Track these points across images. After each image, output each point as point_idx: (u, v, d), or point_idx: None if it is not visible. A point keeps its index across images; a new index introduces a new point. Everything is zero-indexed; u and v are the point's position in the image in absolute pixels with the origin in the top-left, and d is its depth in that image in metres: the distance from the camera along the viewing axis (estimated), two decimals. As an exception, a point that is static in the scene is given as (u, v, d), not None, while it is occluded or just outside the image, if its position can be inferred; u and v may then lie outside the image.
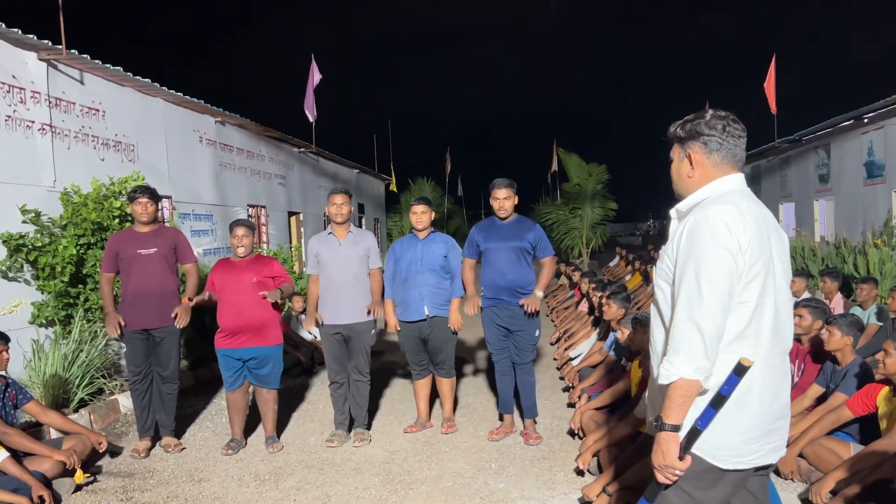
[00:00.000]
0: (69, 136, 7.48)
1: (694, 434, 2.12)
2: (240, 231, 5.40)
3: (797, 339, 5.23)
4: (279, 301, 5.32)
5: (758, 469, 2.26)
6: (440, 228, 16.09)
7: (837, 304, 7.66)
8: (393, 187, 22.25)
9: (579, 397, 5.71)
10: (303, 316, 9.14)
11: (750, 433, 2.17)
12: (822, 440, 4.23)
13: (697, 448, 2.15)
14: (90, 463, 4.99)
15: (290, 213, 14.93)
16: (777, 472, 4.31)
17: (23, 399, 4.81)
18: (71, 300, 6.67)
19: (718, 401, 2.10)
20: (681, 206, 2.33)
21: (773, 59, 17.01)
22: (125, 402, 6.43)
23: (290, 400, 6.86)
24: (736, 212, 2.13)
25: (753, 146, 19.37)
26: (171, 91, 9.39)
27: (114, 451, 5.36)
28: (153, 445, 5.46)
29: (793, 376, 5.17)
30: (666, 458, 2.13)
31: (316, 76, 14.63)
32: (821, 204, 16.12)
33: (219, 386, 7.21)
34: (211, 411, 6.61)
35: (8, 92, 6.60)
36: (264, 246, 12.98)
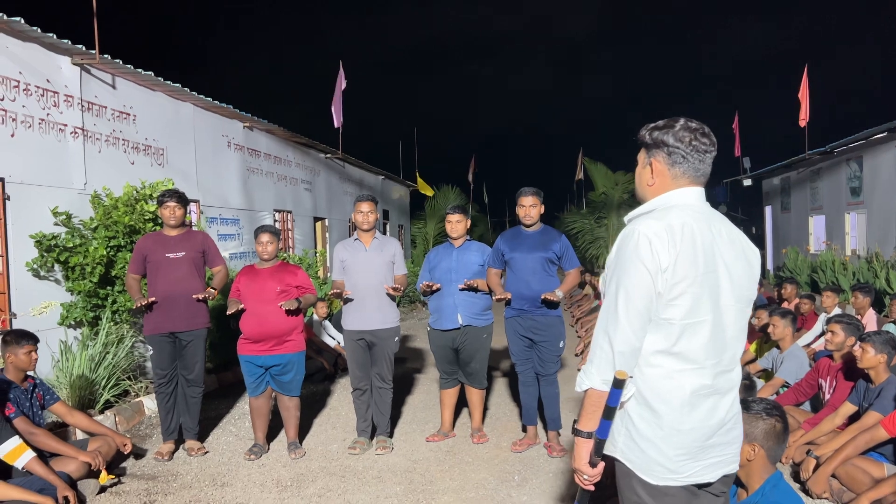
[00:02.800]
0: (100, 139, 7.57)
1: (599, 444, 2.16)
2: (264, 237, 5.42)
3: (829, 355, 5.13)
4: (298, 308, 5.33)
5: (700, 486, 2.23)
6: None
7: (870, 320, 7.50)
8: (429, 191, 22.29)
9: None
10: (327, 322, 9.19)
11: (683, 449, 2.15)
12: (856, 460, 4.12)
13: (630, 462, 2.19)
14: (115, 464, 5.03)
15: (316, 219, 14.99)
16: (808, 493, 4.21)
17: (50, 400, 4.85)
18: (99, 301, 6.73)
19: (608, 412, 2.12)
20: (631, 214, 2.31)
21: (806, 69, 16.80)
22: (150, 404, 6.48)
23: (312, 406, 6.87)
24: (664, 228, 2.10)
25: (783, 157, 19.12)
26: (201, 96, 9.48)
27: (138, 454, 5.39)
28: (177, 448, 5.49)
29: (823, 393, 5.07)
30: (577, 462, 2.21)
31: (342, 83, 14.69)
32: (852, 217, 15.83)
33: (242, 390, 7.23)
34: (234, 415, 6.63)
35: (42, 95, 6.70)
36: (290, 251, 13.04)
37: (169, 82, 8.63)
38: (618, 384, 2.08)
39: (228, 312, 5.23)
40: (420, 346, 10.42)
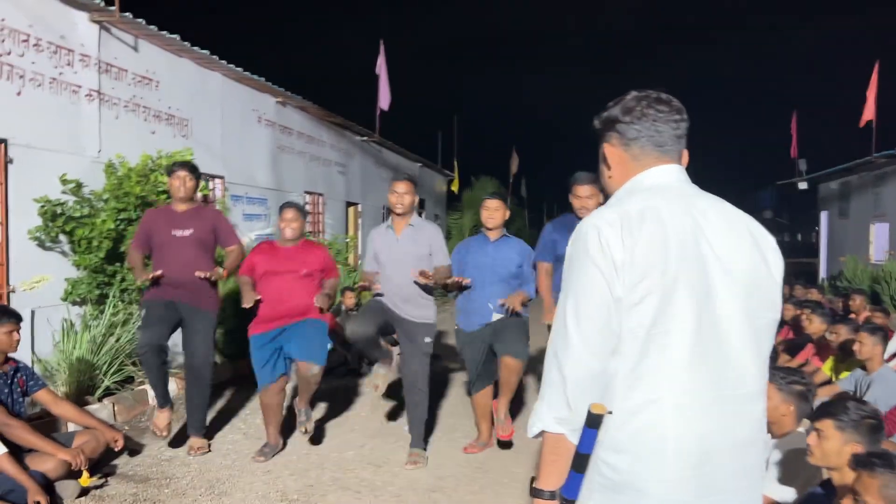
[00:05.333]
0: (118, 104, 7.04)
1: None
2: (289, 213, 4.85)
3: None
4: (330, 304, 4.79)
5: None
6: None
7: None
8: (454, 187, 21.52)
9: None
10: (354, 313, 8.61)
11: (672, 495, 1.59)
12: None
13: (618, 492, 1.61)
14: (103, 462, 4.47)
15: (349, 204, 14.41)
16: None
17: (34, 386, 4.31)
18: (106, 278, 6.20)
19: (579, 462, 1.60)
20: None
21: (877, 65, 15.74)
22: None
23: (330, 404, 6.24)
24: (617, 215, 1.63)
25: (846, 160, 18.02)
26: (231, 66, 8.92)
27: (133, 450, 4.83)
28: (182, 431, 5.00)
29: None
30: None
31: (383, 64, 14.08)
32: (920, 226, 14.78)
33: (255, 381, 6.66)
34: (246, 410, 6.04)
35: (55, 53, 6.17)
36: (320, 235, 12.48)
37: (196, 48, 8.09)
38: (592, 422, 1.56)
39: (246, 305, 4.63)
40: (452, 342, 9.65)
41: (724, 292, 1.63)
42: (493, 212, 4.86)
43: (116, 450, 4.45)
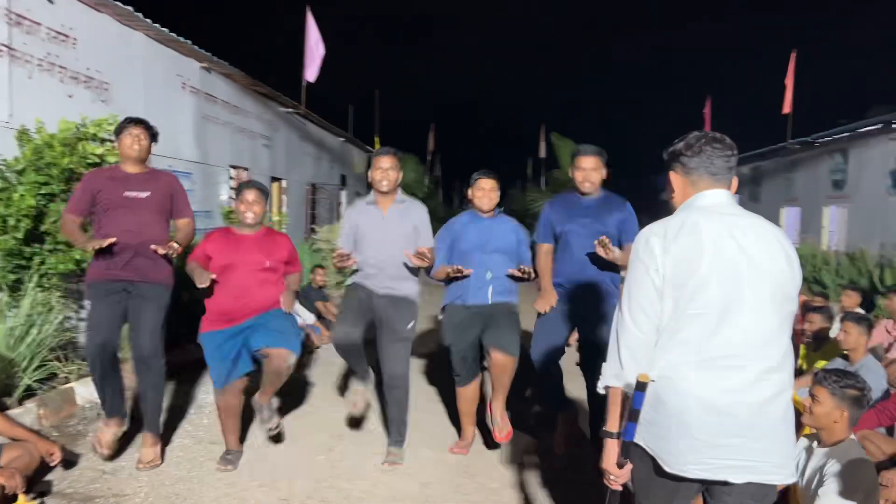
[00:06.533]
0: (31, 62, 6.19)
1: (625, 445, 2.21)
2: (250, 195, 4.29)
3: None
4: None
5: (714, 482, 2.17)
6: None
7: (906, 326, 6.80)
8: None
9: None
10: (325, 290, 8.59)
11: (693, 444, 2.13)
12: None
13: (646, 444, 2.22)
14: (36, 479, 3.84)
15: (273, 179, 13.64)
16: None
17: (-50, 393, 3.62)
18: (24, 261, 5.42)
19: (633, 415, 2.16)
20: None
21: (793, 56, 16.22)
22: (83, 391, 5.24)
23: (287, 398, 5.69)
24: (663, 227, 2.23)
25: (757, 146, 18.60)
26: (156, 25, 8.07)
27: (68, 461, 4.19)
28: (123, 437, 4.36)
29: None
30: (605, 463, 2.26)
31: (313, 32, 13.32)
32: (832, 211, 15.40)
33: (196, 374, 6.06)
34: (191, 410, 5.42)
35: (-43, -1, 5.30)
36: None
37: (119, 3, 7.25)
38: (640, 387, 2.12)
39: (201, 284, 4.05)
40: (425, 328, 9.03)
41: (754, 287, 2.14)
42: (488, 192, 4.46)
43: (52, 464, 3.83)
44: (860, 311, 7.35)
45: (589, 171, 4.26)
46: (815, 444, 3.01)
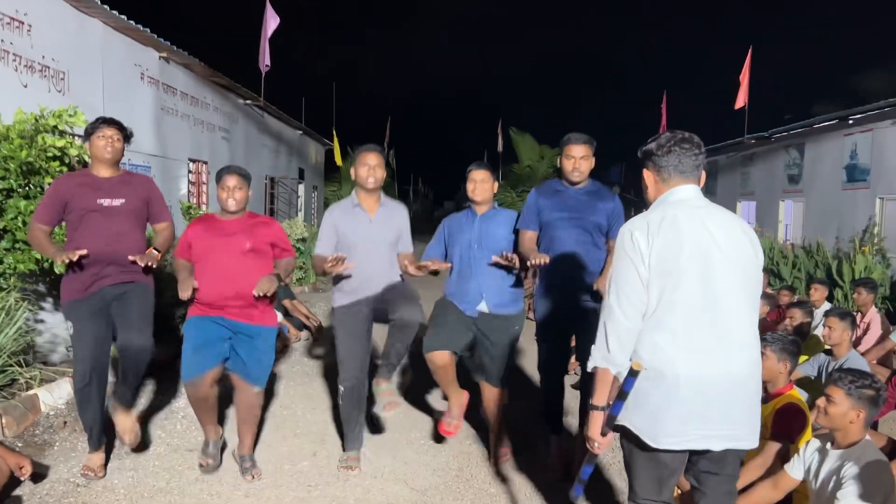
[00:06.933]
0: (-16, 49, 5.83)
1: (610, 418, 2.44)
2: (231, 180, 4.06)
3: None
4: (280, 284, 4.09)
5: (698, 452, 2.48)
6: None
7: (874, 319, 6.91)
8: (338, 159, 20.55)
9: None
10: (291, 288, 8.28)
11: (680, 418, 2.36)
12: None
13: (633, 426, 2.44)
14: (5, 494, 3.59)
15: (232, 173, 13.26)
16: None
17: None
18: (-21, 262, 5.10)
19: (622, 394, 2.40)
20: None
21: (750, 51, 16.47)
22: (47, 397, 4.97)
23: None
24: (645, 221, 2.43)
25: (714, 141, 18.87)
26: (113, 12, 7.70)
27: (38, 474, 3.93)
28: (108, 458, 4.15)
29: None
30: (591, 432, 2.50)
31: (272, 22, 12.98)
32: (787, 205, 15.71)
33: (165, 377, 5.80)
34: (161, 415, 5.18)
35: None
36: (203, 208, 11.37)
37: (76, -12, 6.89)
38: (632, 373, 2.35)
39: (183, 295, 3.84)
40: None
41: (726, 274, 2.40)
42: (481, 183, 4.27)
43: (23, 478, 3.59)
44: (828, 304, 7.48)
45: (579, 159, 4.13)
46: (828, 445, 2.96)
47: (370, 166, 4.18)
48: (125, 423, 4.04)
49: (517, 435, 4.64)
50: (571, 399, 4.77)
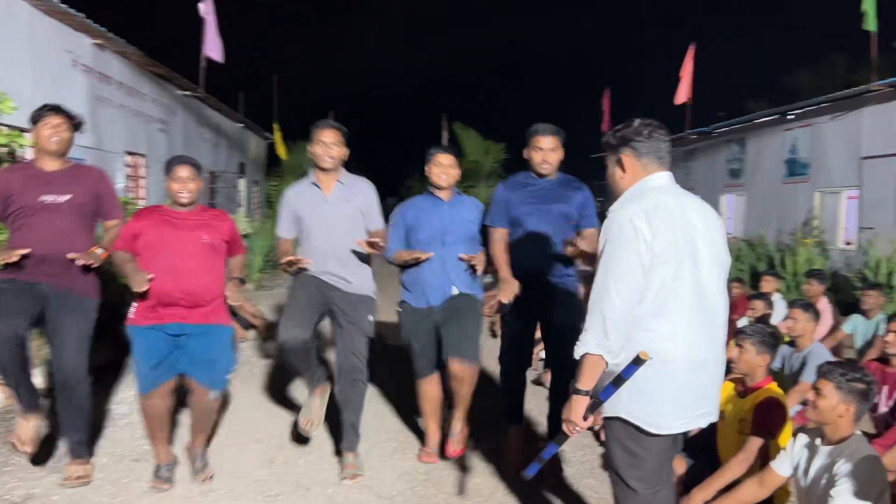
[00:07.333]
0: None
1: (596, 404, 2.46)
2: (183, 171, 3.78)
3: (885, 360, 4.36)
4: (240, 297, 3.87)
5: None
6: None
7: (825, 310, 7.00)
8: (281, 153, 20.05)
9: None
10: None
11: (679, 401, 2.45)
12: None
13: (631, 416, 2.46)
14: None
15: (171, 167, 12.78)
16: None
17: None
18: None
19: (618, 381, 2.40)
20: (614, 206, 2.55)
21: (692, 48, 16.72)
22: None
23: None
24: (642, 209, 2.42)
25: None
26: (43, -6, 7.26)
27: (-34, 493, 3.60)
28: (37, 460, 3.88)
29: (876, 406, 4.30)
30: (574, 415, 2.46)
31: (210, 10, 12.51)
32: (729, 199, 16.03)
33: (106, 378, 5.44)
34: (103, 424, 4.80)
35: None
36: (141, 202, 10.88)
37: (1, -33, 6.43)
38: (638, 361, 2.34)
39: (138, 289, 3.54)
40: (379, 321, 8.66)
41: (707, 257, 2.48)
42: (447, 168, 4.13)
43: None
44: (779, 294, 7.57)
45: (548, 151, 4.00)
46: (817, 441, 2.89)
47: (325, 144, 3.95)
48: (75, 470, 3.78)
49: (479, 433, 4.48)
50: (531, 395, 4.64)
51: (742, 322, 6.44)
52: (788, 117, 13.25)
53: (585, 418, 2.46)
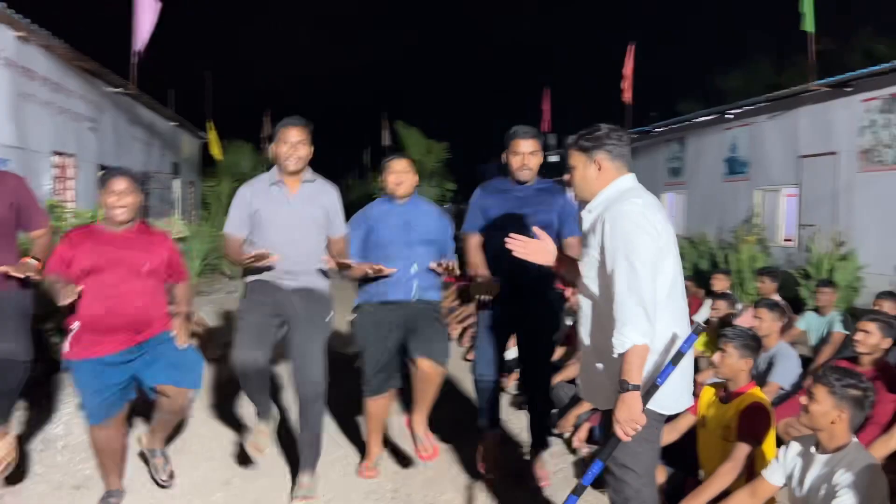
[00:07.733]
0: None
1: (652, 390, 2.49)
2: (119, 184, 3.43)
3: (854, 359, 4.35)
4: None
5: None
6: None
7: (777, 307, 7.06)
8: (216, 153, 19.37)
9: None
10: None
11: (684, 382, 2.65)
12: None
13: (658, 403, 2.54)
14: None
15: (102, 167, 12.13)
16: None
17: None
18: None
19: (678, 357, 2.48)
20: (591, 204, 2.70)
21: (632, 48, 16.89)
22: None
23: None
24: (644, 203, 2.57)
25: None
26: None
27: None
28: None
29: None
30: (632, 413, 2.44)
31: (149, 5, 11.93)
32: (670, 197, 16.24)
33: (37, 397, 5.01)
34: (37, 447, 4.40)
35: None
36: (70, 205, 10.28)
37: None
38: (697, 329, 2.50)
39: (64, 301, 3.20)
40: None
41: (677, 253, 2.65)
42: (402, 174, 3.94)
43: None
44: (730, 292, 7.61)
45: (527, 155, 3.85)
46: (812, 449, 2.79)
47: (291, 143, 3.68)
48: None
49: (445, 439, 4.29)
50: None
51: (700, 317, 6.46)
52: (727, 116, 13.47)
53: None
